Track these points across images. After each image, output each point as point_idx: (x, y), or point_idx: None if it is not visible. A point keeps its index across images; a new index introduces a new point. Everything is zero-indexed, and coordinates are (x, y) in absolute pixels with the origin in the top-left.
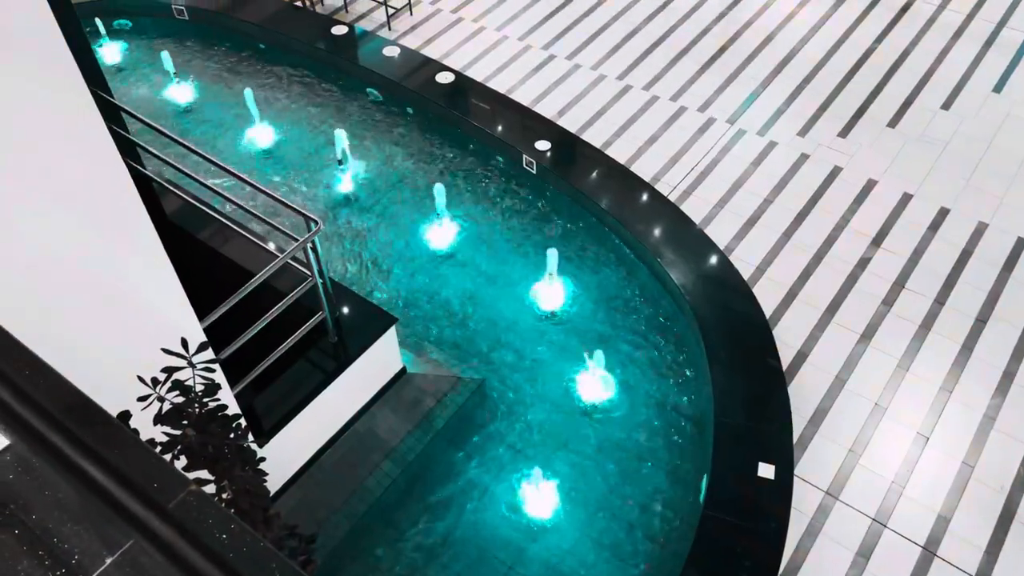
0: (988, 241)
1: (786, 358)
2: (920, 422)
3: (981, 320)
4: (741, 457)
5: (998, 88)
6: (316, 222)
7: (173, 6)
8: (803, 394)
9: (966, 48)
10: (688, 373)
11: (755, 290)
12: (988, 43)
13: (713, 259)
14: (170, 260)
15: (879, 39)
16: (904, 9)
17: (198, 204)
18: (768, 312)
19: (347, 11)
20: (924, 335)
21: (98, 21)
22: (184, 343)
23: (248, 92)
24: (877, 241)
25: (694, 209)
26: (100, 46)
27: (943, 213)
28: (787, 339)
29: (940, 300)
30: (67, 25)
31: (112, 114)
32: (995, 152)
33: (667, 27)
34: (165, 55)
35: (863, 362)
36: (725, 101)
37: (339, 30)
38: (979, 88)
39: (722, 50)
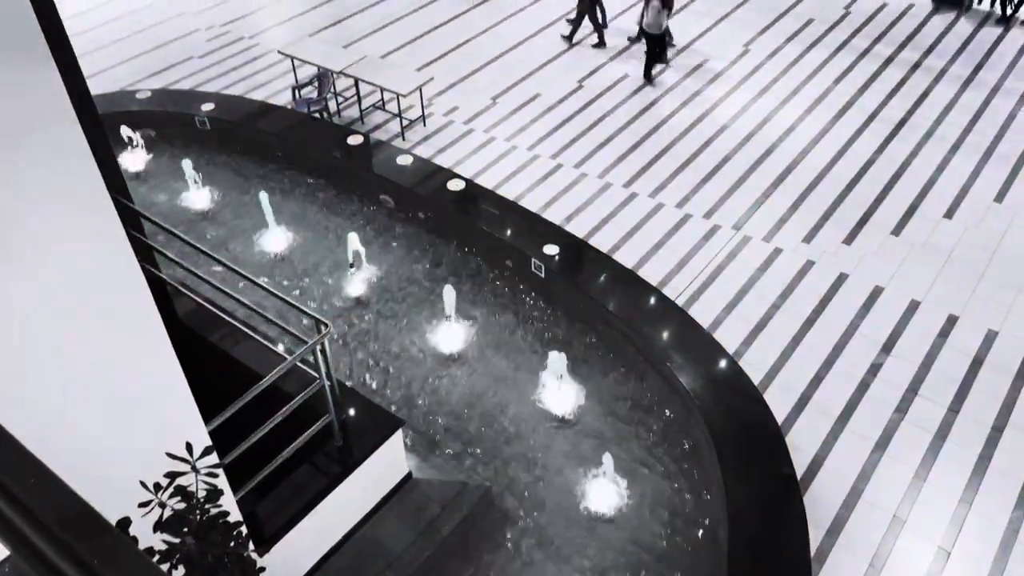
0: (999, 349)
1: (800, 466)
2: (941, 535)
3: (997, 429)
4: (757, 570)
5: (999, 198)
6: (326, 324)
7: (196, 117)
8: (819, 504)
9: (965, 160)
10: (700, 481)
11: (766, 396)
12: (987, 155)
13: (723, 364)
14: (180, 362)
15: (879, 150)
16: (901, 123)
17: (210, 307)
18: (780, 418)
19: (363, 122)
20: (940, 444)
21: (124, 130)
22: (189, 447)
23: (263, 196)
24: (887, 348)
25: (702, 314)
26: (124, 154)
27: (952, 320)
28: (801, 446)
29: (954, 408)
30: (92, 134)
31: (131, 219)
32: (1000, 260)
33: (671, 139)
34: (186, 162)
35: (879, 471)
36: (729, 208)
37: (355, 140)
38: (980, 198)
39: (725, 160)
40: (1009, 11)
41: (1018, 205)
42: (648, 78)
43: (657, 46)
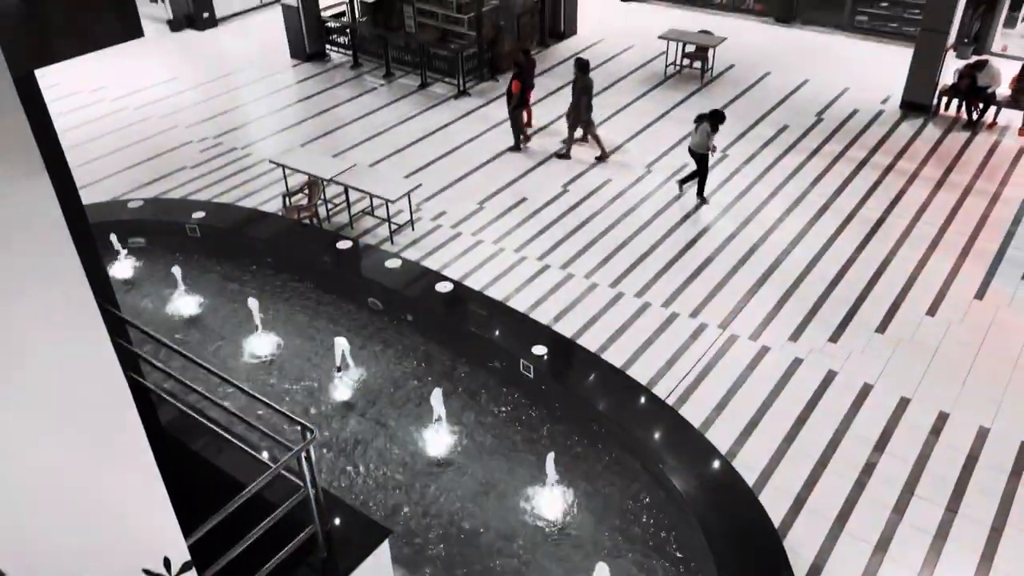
0: (992, 446)
1: (799, 572)
2: None
3: (996, 529)
4: None
5: (980, 295)
6: (311, 430)
7: (187, 225)
8: None
9: (943, 258)
10: None
11: (761, 498)
12: (964, 253)
13: (716, 465)
14: (161, 472)
15: (858, 250)
16: (878, 223)
17: (194, 414)
18: (777, 521)
19: (352, 227)
20: (941, 546)
21: (113, 238)
22: (167, 563)
23: (253, 302)
24: (880, 446)
25: (693, 413)
26: (114, 262)
27: (943, 418)
28: (800, 551)
29: (952, 508)
30: (81, 243)
31: (117, 327)
32: (986, 356)
33: (654, 240)
34: (175, 269)
35: None
36: (715, 307)
37: (344, 244)
38: (961, 295)
39: (708, 260)
40: (975, 116)
41: (999, 302)
42: (681, 186)
43: (703, 165)
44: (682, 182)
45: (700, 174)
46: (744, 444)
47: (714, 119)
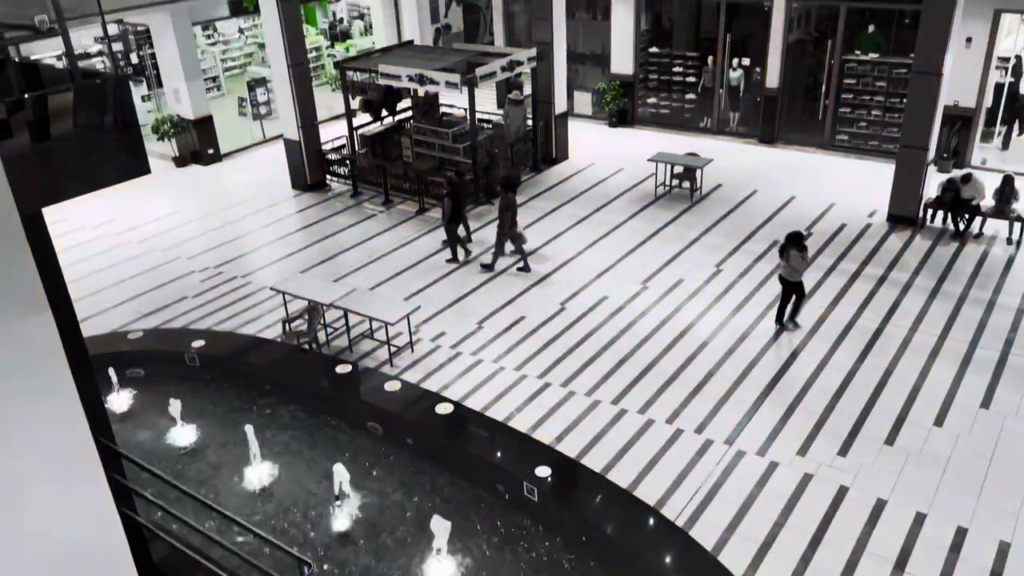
0: (1015, 561)
1: None
2: None
3: None
4: None
5: (986, 404)
6: (308, 564)
7: (186, 355)
8: None
9: (945, 367)
10: None
11: None
12: (965, 362)
13: None
14: None
15: (859, 360)
16: (877, 334)
17: (187, 550)
18: None
19: (351, 351)
20: None
21: (111, 371)
22: None
23: (249, 429)
24: (900, 565)
25: (704, 535)
26: (111, 394)
27: (961, 533)
28: None
29: None
30: (80, 376)
31: (112, 461)
32: (999, 467)
33: (654, 356)
34: (173, 400)
35: None
36: (720, 422)
37: (343, 369)
38: (967, 405)
39: (709, 375)
40: (962, 227)
41: (1006, 410)
42: (792, 321)
43: (800, 291)
44: (780, 319)
45: (797, 299)
46: (759, 567)
47: (796, 242)
